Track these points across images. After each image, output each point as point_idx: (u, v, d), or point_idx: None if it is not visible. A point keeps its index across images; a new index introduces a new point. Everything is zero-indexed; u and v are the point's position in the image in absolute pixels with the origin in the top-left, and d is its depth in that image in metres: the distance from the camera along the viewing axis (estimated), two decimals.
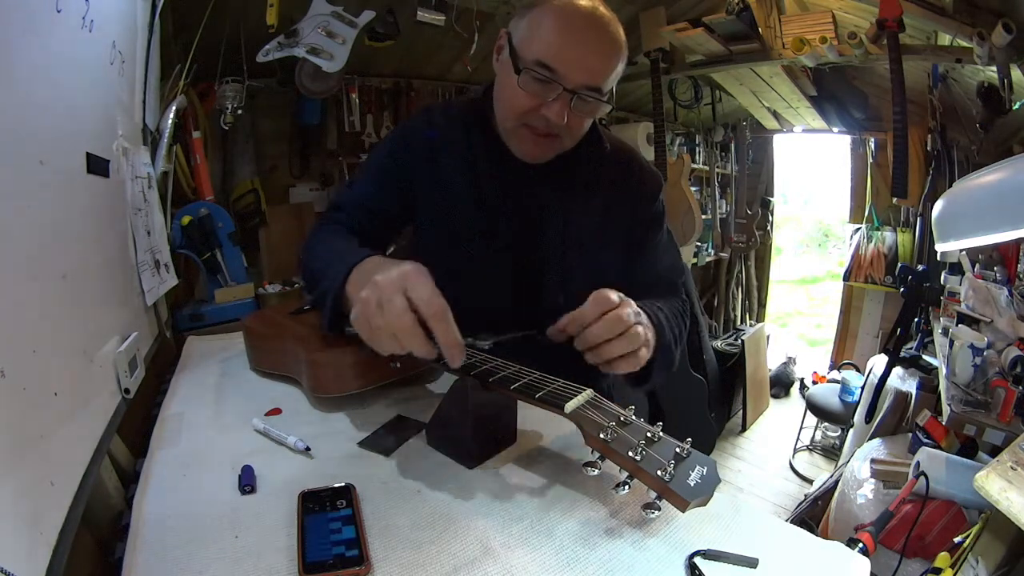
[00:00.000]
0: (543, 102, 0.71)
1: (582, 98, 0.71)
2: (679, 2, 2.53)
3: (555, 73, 0.69)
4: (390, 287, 0.53)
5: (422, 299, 0.53)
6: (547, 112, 0.71)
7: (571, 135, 0.77)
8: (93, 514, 0.58)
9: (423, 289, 0.53)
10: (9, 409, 0.42)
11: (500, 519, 0.53)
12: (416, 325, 0.53)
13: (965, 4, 1.78)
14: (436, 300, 0.53)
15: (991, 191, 1.04)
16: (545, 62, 0.69)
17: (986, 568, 0.95)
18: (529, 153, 0.79)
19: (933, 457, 1.43)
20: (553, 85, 0.70)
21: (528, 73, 0.70)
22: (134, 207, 0.93)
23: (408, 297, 0.53)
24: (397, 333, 0.53)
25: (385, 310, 0.53)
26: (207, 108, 1.87)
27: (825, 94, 2.99)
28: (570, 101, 0.70)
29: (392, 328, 0.53)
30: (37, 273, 0.53)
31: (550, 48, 0.69)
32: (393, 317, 0.52)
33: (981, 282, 1.95)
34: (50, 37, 0.59)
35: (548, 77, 0.69)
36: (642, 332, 0.63)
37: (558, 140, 0.77)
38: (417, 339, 0.53)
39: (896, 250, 3.20)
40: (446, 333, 0.53)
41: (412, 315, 0.52)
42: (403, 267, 0.55)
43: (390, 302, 0.53)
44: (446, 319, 0.53)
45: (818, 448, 3.12)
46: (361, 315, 0.55)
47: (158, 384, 0.92)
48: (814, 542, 0.53)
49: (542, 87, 0.70)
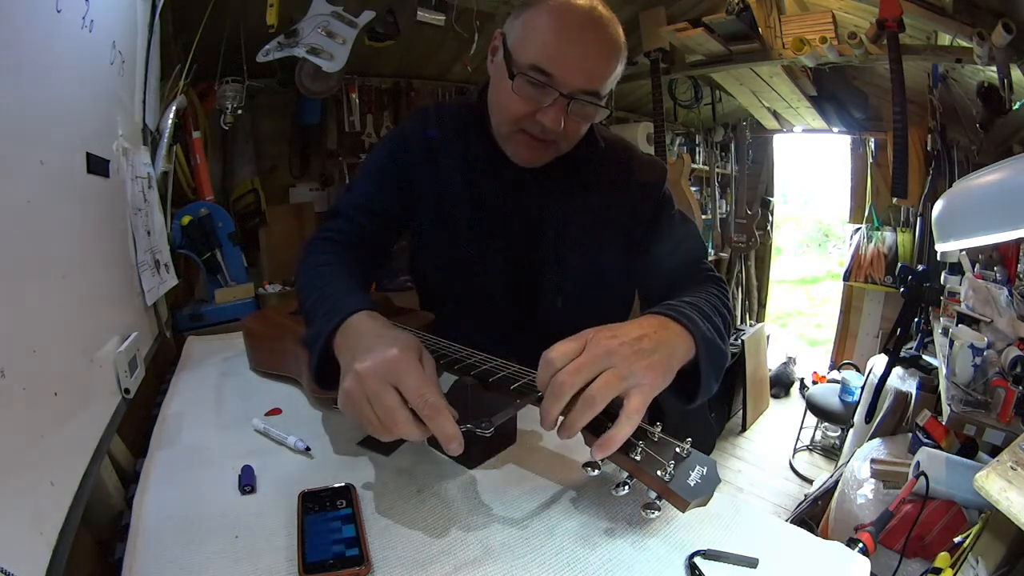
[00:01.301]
0: (538, 107, 0.69)
1: (579, 102, 0.68)
2: (679, 2, 2.53)
3: (551, 78, 0.67)
4: (375, 381, 0.49)
5: (412, 393, 0.49)
6: (543, 118, 0.69)
7: (568, 140, 0.75)
8: (93, 514, 0.58)
9: (411, 380, 0.49)
10: (9, 409, 0.42)
11: (500, 519, 0.53)
12: (411, 420, 0.49)
13: (965, 4, 1.77)
14: (428, 394, 0.48)
15: (991, 191, 1.04)
16: (540, 66, 0.66)
17: (986, 568, 0.95)
18: (525, 158, 0.77)
19: (933, 457, 1.43)
20: (549, 90, 0.67)
21: (523, 78, 0.67)
22: (134, 207, 0.93)
23: (397, 390, 0.49)
24: (391, 429, 0.49)
25: (375, 406, 0.49)
26: (207, 108, 1.87)
27: (825, 94, 2.99)
28: (567, 106, 0.68)
29: (386, 424, 0.49)
30: (37, 273, 0.52)
31: (545, 51, 0.66)
32: (384, 413, 0.49)
33: (981, 282, 1.95)
34: (50, 37, 0.59)
35: (544, 82, 0.67)
36: (611, 379, 0.48)
37: (554, 145, 0.75)
38: (414, 431, 0.49)
39: (896, 250, 3.20)
40: (442, 429, 0.48)
41: (405, 411, 0.48)
42: (388, 353, 0.50)
43: (378, 397, 0.49)
44: (440, 414, 0.48)
45: (818, 448, 3.12)
46: (348, 407, 0.51)
47: (158, 384, 0.92)
48: (814, 542, 0.53)
49: (538, 92, 0.68)
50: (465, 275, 0.87)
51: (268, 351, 0.89)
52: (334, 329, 0.59)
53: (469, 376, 0.61)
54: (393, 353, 0.51)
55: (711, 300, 0.66)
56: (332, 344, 0.59)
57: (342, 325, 0.59)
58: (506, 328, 0.85)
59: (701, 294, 0.67)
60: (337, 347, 0.58)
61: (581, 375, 0.48)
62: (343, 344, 0.58)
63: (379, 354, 0.51)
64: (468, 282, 0.87)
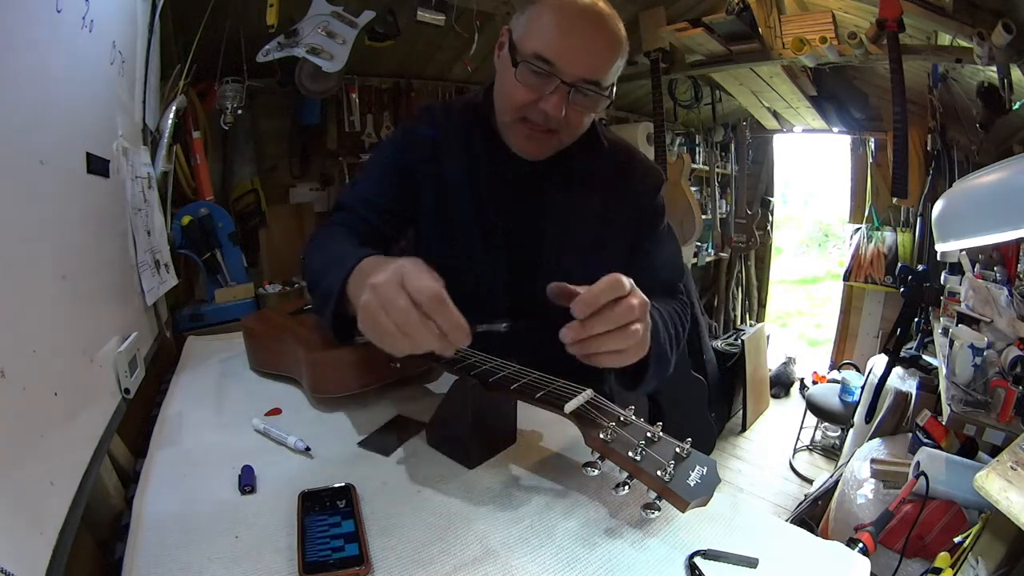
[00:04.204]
0: (541, 95, 0.71)
1: (580, 92, 0.70)
2: (679, 2, 2.52)
3: (553, 66, 0.69)
4: (388, 287, 0.51)
5: (418, 290, 0.51)
6: (545, 105, 0.71)
7: (569, 131, 0.77)
8: (93, 514, 0.58)
9: (418, 280, 0.51)
10: (9, 409, 0.42)
11: (500, 519, 0.53)
12: (423, 320, 0.51)
13: (965, 4, 1.77)
14: (430, 287, 0.51)
15: (991, 191, 1.04)
16: (543, 55, 0.69)
17: (986, 568, 0.95)
18: (527, 149, 0.78)
19: (933, 457, 1.43)
20: (551, 78, 0.70)
21: (526, 66, 0.70)
22: (134, 207, 0.93)
23: (408, 292, 0.51)
24: (407, 332, 0.51)
25: (389, 311, 0.51)
26: (207, 108, 1.87)
27: (825, 94, 2.99)
28: (568, 94, 0.70)
29: (401, 328, 0.51)
30: (37, 273, 0.53)
31: (548, 41, 0.69)
32: (398, 316, 0.51)
33: (981, 282, 1.95)
34: (50, 37, 0.59)
35: (546, 70, 0.69)
36: (640, 330, 0.58)
37: (556, 136, 0.76)
38: (429, 334, 0.51)
39: (896, 250, 3.20)
40: (445, 318, 0.51)
41: (416, 311, 0.51)
42: (398, 263, 0.53)
43: (391, 303, 0.51)
44: (443, 304, 0.51)
45: (818, 448, 3.12)
46: (366, 322, 0.53)
47: (158, 384, 0.92)
48: (814, 542, 0.53)
49: (540, 80, 0.70)
50: (464, 272, 0.87)
51: (268, 351, 0.89)
52: (348, 273, 0.62)
53: (469, 376, 0.61)
54: (403, 262, 0.54)
55: (672, 316, 0.78)
56: (346, 295, 0.62)
57: (354, 270, 0.62)
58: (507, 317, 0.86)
59: (670, 305, 0.81)
60: (351, 293, 0.61)
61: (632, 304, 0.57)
62: (357, 284, 0.61)
63: (390, 269, 0.53)
64: (468, 278, 0.87)
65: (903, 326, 2.19)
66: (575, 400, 0.55)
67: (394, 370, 0.78)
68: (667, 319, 0.75)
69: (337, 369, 0.75)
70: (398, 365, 0.78)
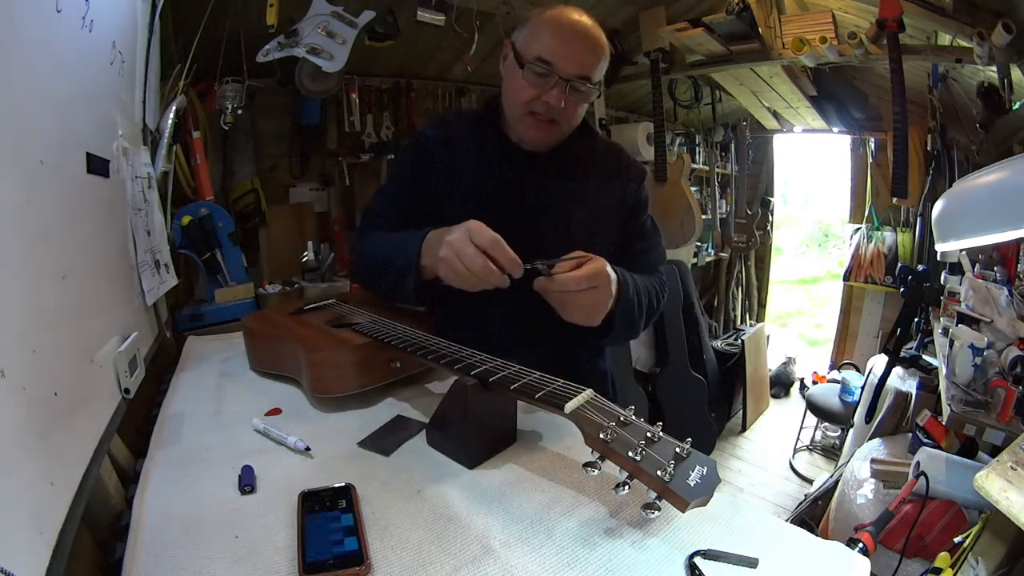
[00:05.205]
0: (543, 90, 0.85)
1: (575, 86, 0.85)
2: (679, 2, 2.52)
3: (552, 66, 0.84)
4: (460, 241, 0.70)
5: (482, 239, 0.69)
6: (547, 98, 0.85)
7: (567, 120, 0.90)
8: (93, 514, 0.58)
9: (481, 232, 0.70)
10: (9, 409, 0.42)
11: (500, 519, 0.53)
12: (489, 263, 0.69)
13: (965, 4, 1.77)
14: (491, 235, 0.70)
15: (991, 191, 1.04)
16: (544, 57, 0.84)
17: (986, 568, 0.95)
18: (534, 138, 0.92)
19: (933, 457, 1.43)
20: (551, 76, 0.85)
21: (530, 67, 0.85)
22: (134, 207, 0.93)
23: (474, 243, 0.69)
24: (478, 273, 0.69)
25: (462, 258, 0.69)
26: (207, 108, 1.87)
27: (825, 94, 2.98)
28: (565, 88, 0.85)
29: (473, 270, 0.69)
30: (37, 273, 0.53)
31: (547, 46, 0.84)
32: (470, 261, 0.69)
33: (981, 282, 1.95)
34: (50, 37, 0.59)
35: (547, 70, 0.84)
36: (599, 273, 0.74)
37: (557, 126, 0.90)
38: (494, 273, 0.69)
39: (896, 250, 3.20)
40: (504, 255, 0.70)
41: (483, 256, 0.69)
42: (465, 224, 0.71)
43: (463, 251, 0.69)
44: (501, 245, 0.70)
45: (818, 448, 3.12)
46: (448, 269, 0.72)
47: (158, 384, 0.92)
48: (814, 542, 0.53)
49: (542, 78, 0.85)
50: None
51: (268, 351, 0.89)
52: (420, 243, 0.79)
53: (469, 376, 0.61)
54: (468, 223, 0.72)
55: (646, 283, 0.92)
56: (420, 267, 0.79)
57: (424, 240, 0.79)
58: (507, 307, 0.90)
59: (648, 279, 0.93)
60: (424, 255, 0.79)
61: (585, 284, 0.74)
62: (429, 251, 0.78)
63: (460, 228, 0.72)
64: None
65: (903, 326, 2.19)
66: (575, 400, 0.55)
67: (394, 370, 0.79)
68: (639, 282, 0.88)
69: (337, 369, 0.75)
70: (398, 365, 0.78)
